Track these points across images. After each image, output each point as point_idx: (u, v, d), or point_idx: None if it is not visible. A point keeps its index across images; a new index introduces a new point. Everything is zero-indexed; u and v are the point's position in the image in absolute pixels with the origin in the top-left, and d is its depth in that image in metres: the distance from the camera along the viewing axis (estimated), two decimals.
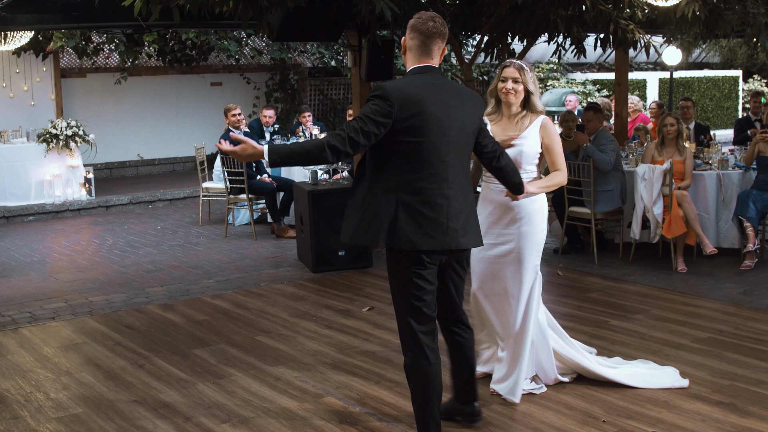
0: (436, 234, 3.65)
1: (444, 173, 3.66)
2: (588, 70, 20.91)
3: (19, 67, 13.41)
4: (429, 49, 3.70)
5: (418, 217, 3.63)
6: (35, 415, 4.51)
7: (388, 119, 3.54)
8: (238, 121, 9.66)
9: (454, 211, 3.69)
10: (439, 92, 3.66)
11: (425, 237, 3.63)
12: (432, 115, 3.61)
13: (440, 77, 3.74)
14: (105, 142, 14.15)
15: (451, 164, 3.69)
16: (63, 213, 11.60)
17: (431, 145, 3.62)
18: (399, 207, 3.63)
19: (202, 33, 14.27)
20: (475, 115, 3.81)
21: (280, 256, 8.57)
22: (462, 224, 3.73)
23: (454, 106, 3.69)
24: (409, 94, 3.58)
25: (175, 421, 4.37)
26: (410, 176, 3.62)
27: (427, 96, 3.61)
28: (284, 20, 7.46)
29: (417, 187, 3.62)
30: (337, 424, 4.28)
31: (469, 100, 3.80)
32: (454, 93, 3.73)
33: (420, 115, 3.58)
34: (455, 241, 3.70)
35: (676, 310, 6.23)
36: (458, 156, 3.72)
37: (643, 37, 8.04)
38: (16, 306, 6.82)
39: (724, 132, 19.62)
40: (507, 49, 8.88)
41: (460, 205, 3.73)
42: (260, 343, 5.66)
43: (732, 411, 4.33)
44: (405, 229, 3.62)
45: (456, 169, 3.71)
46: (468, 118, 3.75)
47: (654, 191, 7.38)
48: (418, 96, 3.59)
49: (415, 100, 3.57)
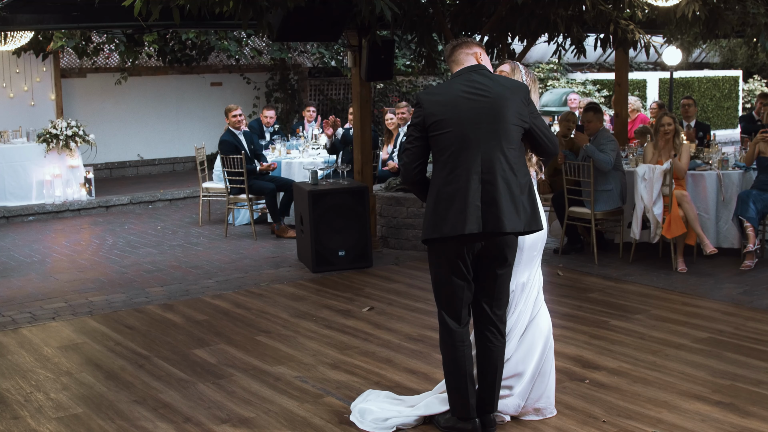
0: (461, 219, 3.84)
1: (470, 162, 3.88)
2: (588, 70, 20.92)
3: (19, 67, 13.41)
4: (457, 59, 4.11)
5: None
6: (35, 415, 4.51)
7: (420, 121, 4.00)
8: (239, 122, 9.66)
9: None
10: (464, 90, 3.93)
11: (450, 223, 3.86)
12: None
13: (478, 74, 3.99)
14: (105, 142, 14.15)
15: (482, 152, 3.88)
16: (63, 213, 11.60)
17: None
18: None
19: (202, 33, 14.26)
20: (516, 99, 3.93)
21: (280, 256, 8.57)
22: (496, 210, 3.82)
23: (490, 95, 3.90)
24: (436, 94, 4.01)
25: (175, 421, 4.37)
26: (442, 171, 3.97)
27: (451, 97, 3.94)
28: (284, 20, 7.46)
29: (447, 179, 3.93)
30: (337, 424, 4.28)
31: (508, 87, 3.94)
32: (493, 83, 3.94)
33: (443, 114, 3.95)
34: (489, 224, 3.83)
35: (676, 310, 6.23)
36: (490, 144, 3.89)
37: (643, 37, 8.04)
38: (16, 306, 6.82)
39: (724, 132, 19.63)
40: (507, 49, 8.88)
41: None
42: (260, 343, 5.66)
43: (732, 411, 4.33)
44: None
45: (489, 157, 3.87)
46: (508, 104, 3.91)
47: (654, 191, 7.39)
48: (440, 98, 3.97)
49: (440, 102, 3.96)
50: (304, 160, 10.12)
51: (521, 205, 3.87)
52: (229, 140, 9.53)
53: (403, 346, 5.51)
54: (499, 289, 4.00)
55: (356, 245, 7.77)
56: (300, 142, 11.01)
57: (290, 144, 10.99)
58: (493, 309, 4.02)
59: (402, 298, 6.72)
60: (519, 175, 3.89)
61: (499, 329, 4.04)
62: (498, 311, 4.04)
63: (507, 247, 3.94)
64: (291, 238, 9.24)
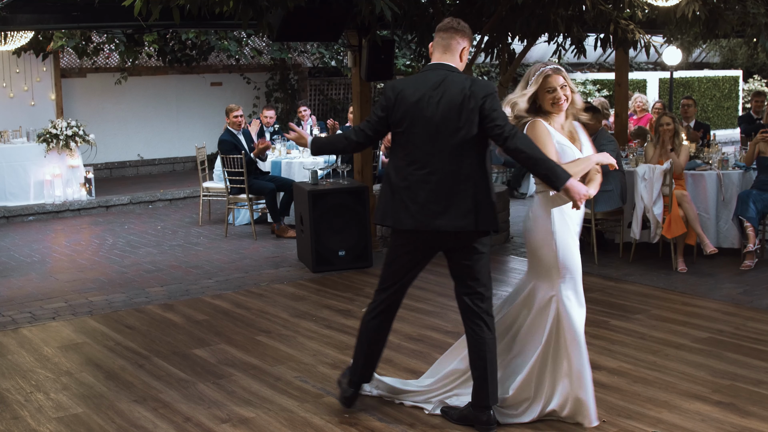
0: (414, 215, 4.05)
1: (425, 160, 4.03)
2: (588, 70, 20.91)
3: (19, 67, 13.41)
4: (447, 44, 4.13)
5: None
6: (35, 415, 4.51)
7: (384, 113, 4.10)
8: (239, 123, 9.67)
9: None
10: (430, 86, 4.02)
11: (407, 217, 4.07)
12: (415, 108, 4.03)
13: (442, 72, 4.03)
14: (105, 142, 14.15)
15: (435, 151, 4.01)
16: (63, 213, 11.60)
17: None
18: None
19: (202, 33, 14.26)
20: (461, 101, 3.98)
21: (280, 256, 8.57)
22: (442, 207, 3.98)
23: (435, 98, 3.99)
24: (402, 89, 4.06)
25: (175, 421, 4.37)
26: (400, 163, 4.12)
27: (415, 90, 4.03)
28: (284, 20, 7.46)
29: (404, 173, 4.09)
30: (337, 424, 4.28)
31: (459, 88, 3.99)
32: (450, 84, 4.00)
33: (405, 108, 4.06)
34: (432, 222, 4.00)
35: (676, 310, 6.23)
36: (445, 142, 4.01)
37: (643, 37, 8.04)
38: (16, 306, 6.82)
39: (724, 132, 19.63)
40: (507, 49, 8.87)
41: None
42: (260, 343, 5.66)
43: (732, 411, 4.33)
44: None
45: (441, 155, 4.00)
46: (462, 105, 3.98)
47: (654, 191, 7.39)
48: (406, 91, 4.04)
49: (403, 95, 4.04)
50: (304, 160, 10.12)
51: (472, 204, 3.97)
52: (229, 140, 9.53)
53: (403, 346, 5.51)
54: (473, 281, 4.09)
55: (356, 245, 7.76)
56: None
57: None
58: (475, 302, 4.11)
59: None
60: (474, 175, 3.99)
61: (486, 321, 4.10)
62: (481, 304, 4.11)
63: (467, 241, 4.05)
64: (291, 238, 9.24)
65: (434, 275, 7.45)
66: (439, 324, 5.99)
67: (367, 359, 4.34)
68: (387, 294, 4.26)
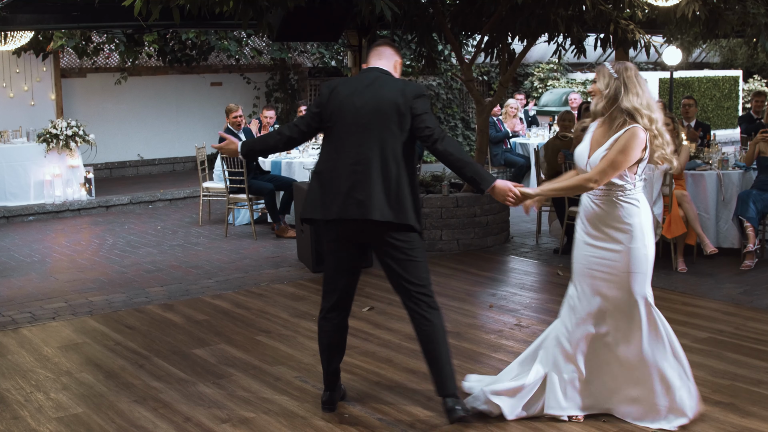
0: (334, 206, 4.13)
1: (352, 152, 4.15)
2: (588, 70, 20.90)
3: (19, 67, 13.41)
4: (380, 52, 4.36)
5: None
6: (35, 415, 4.51)
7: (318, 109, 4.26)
8: (239, 123, 9.67)
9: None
10: (363, 84, 4.20)
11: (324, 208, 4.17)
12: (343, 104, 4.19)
13: (377, 73, 4.24)
14: (105, 142, 14.15)
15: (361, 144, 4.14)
16: (63, 213, 11.60)
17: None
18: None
19: (202, 33, 14.27)
20: (397, 99, 4.10)
21: (280, 256, 8.57)
22: (364, 198, 4.06)
23: (367, 94, 4.15)
24: (336, 86, 4.25)
25: (175, 421, 4.37)
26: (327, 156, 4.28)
27: (349, 87, 4.21)
28: (284, 20, 7.47)
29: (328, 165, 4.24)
30: (337, 424, 4.28)
31: (395, 88, 4.14)
32: (382, 83, 4.18)
33: (337, 103, 4.21)
34: (353, 211, 4.08)
35: (676, 310, 6.23)
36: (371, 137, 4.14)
37: (643, 37, 8.05)
38: (16, 306, 6.82)
39: (724, 132, 19.62)
40: (507, 49, 8.88)
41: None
42: (260, 343, 5.66)
43: (732, 411, 4.33)
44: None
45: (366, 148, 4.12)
46: (388, 103, 4.11)
47: (654, 191, 7.38)
48: (340, 88, 4.23)
49: (337, 91, 4.21)
50: (304, 160, 10.12)
51: (392, 197, 4.05)
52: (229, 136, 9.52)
53: (403, 346, 5.51)
54: (405, 273, 4.15)
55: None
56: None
57: None
58: (413, 297, 4.17)
59: None
60: (397, 170, 4.08)
61: (426, 302, 4.16)
62: (418, 287, 4.16)
63: (385, 234, 4.10)
64: (291, 237, 9.24)
65: (434, 275, 7.42)
66: None
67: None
68: (330, 302, 4.31)
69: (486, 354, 5.33)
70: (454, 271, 7.59)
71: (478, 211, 8.46)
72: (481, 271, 7.66)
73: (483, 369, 5.01)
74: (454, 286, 7.03)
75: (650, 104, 4.03)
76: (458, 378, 4.37)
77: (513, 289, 6.98)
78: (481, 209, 8.46)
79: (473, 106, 17.30)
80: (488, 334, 5.74)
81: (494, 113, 12.26)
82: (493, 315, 6.22)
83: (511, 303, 6.53)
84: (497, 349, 5.40)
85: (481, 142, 9.07)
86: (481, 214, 8.50)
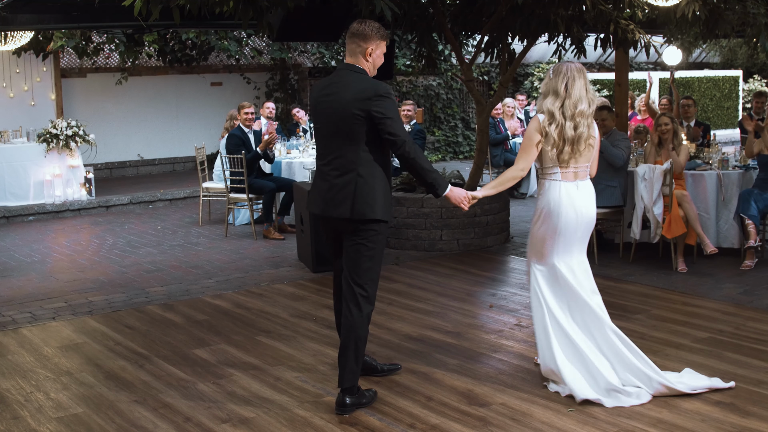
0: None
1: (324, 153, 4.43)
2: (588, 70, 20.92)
3: (19, 67, 13.41)
4: (349, 49, 4.46)
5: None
6: (35, 415, 4.51)
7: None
8: (250, 120, 9.66)
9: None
10: (331, 86, 4.37)
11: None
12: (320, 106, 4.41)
13: (345, 72, 4.37)
14: (105, 142, 14.15)
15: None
16: (63, 213, 11.60)
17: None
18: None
19: (202, 33, 14.27)
20: (355, 102, 4.24)
21: (280, 256, 8.57)
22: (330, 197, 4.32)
23: (330, 98, 4.33)
24: (315, 87, 4.49)
25: (175, 421, 4.37)
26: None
27: (320, 89, 4.42)
28: (284, 20, 7.47)
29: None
30: (337, 424, 4.28)
31: (355, 90, 4.26)
32: (344, 85, 4.31)
33: (313, 106, 4.49)
34: (324, 208, 4.37)
35: (676, 310, 6.23)
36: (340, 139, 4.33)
37: (643, 37, 8.04)
38: (16, 306, 6.82)
39: (724, 132, 19.63)
40: (507, 49, 8.88)
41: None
42: (260, 343, 5.67)
43: (732, 411, 4.34)
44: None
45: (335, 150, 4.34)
46: (347, 105, 4.25)
47: (654, 191, 7.39)
48: (315, 90, 4.46)
49: (314, 94, 4.45)
50: (304, 160, 10.12)
51: (351, 195, 4.25)
52: (238, 135, 9.52)
53: (403, 346, 5.51)
54: (350, 267, 4.33)
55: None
56: (300, 142, 11.02)
57: (290, 144, 11.01)
58: (350, 286, 4.35)
59: (402, 298, 6.72)
60: (359, 168, 4.26)
61: (355, 296, 4.33)
62: (354, 288, 4.34)
63: (346, 229, 4.33)
64: (277, 239, 9.25)
65: (434, 275, 7.47)
66: (439, 324, 5.99)
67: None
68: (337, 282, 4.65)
69: (486, 354, 5.33)
70: (454, 271, 7.59)
71: (478, 211, 8.45)
72: (481, 271, 7.66)
73: (483, 369, 5.02)
74: (454, 286, 7.04)
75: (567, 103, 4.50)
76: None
77: (513, 289, 6.98)
78: (481, 209, 8.45)
79: (473, 106, 17.32)
80: (488, 334, 5.74)
81: (495, 114, 12.25)
82: (493, 315, 6.23)
83: (511, 303, 6.54)
84: (497, 349, 5.40)
85: (481, 143, 9.06)
86: (481, 214, 8.50)
